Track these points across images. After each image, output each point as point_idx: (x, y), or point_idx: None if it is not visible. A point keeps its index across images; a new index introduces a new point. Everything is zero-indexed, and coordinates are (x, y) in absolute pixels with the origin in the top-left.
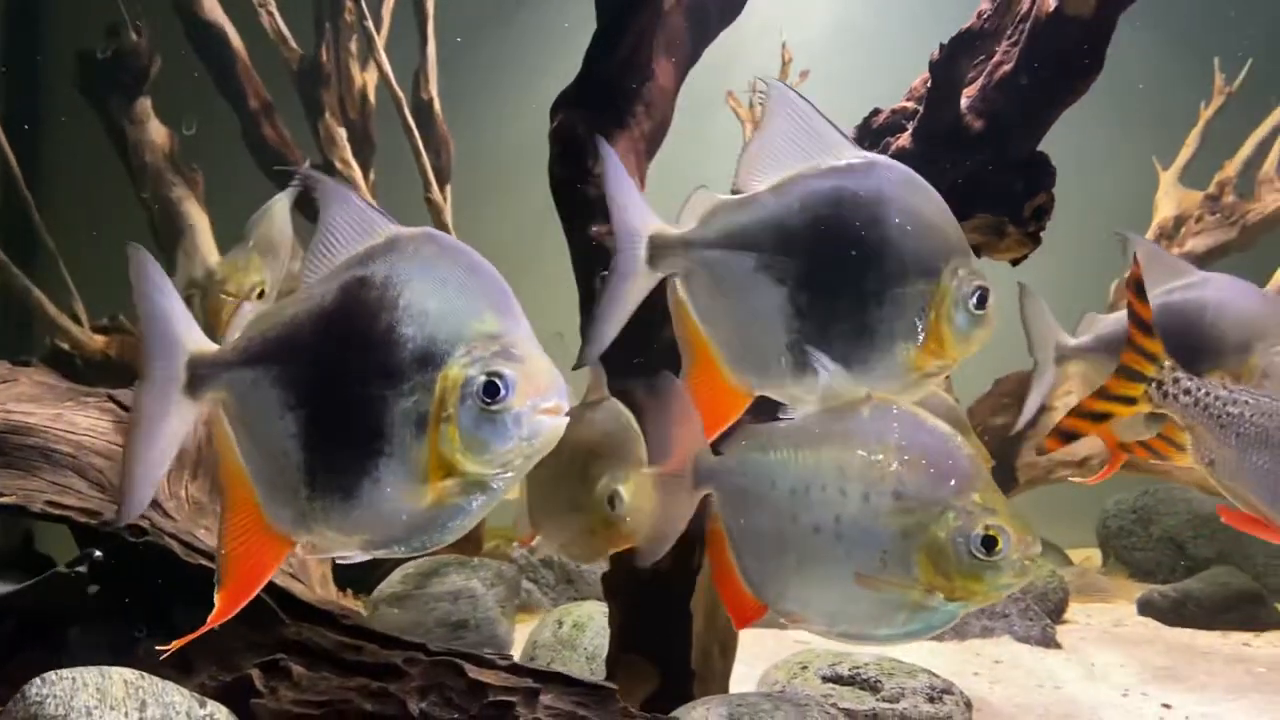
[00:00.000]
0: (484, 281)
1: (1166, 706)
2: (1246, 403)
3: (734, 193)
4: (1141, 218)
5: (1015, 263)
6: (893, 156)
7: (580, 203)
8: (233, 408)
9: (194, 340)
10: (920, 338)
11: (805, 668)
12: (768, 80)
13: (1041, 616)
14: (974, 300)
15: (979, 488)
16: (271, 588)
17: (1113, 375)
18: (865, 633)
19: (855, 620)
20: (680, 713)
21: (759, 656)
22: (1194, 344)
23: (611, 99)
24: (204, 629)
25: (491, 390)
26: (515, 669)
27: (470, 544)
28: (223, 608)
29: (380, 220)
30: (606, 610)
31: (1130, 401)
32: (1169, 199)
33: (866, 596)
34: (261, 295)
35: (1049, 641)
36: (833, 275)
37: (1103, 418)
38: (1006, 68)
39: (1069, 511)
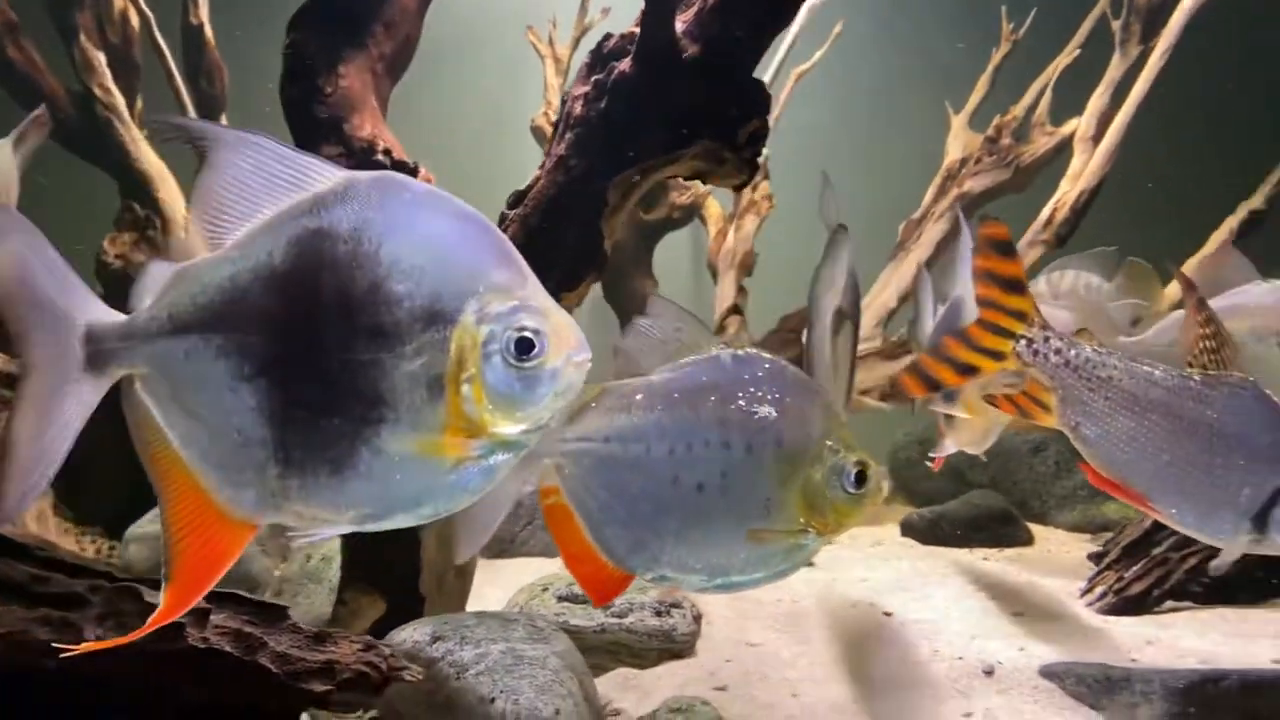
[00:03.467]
0: (478, 230)
1: (887, 614)
2: (1116, 366)
3: None
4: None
5: (737, 189)
6: (615, 81)
7: (311, 123)
8: (158, 385)
9: (91, 309)
10: None
11: (545, 589)
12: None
13: None
14: None
15: (836, 426)
16: None
17: (975, 326)
18: (743, 580)
19: (734, 570)
20: (392, 635)
21: (516, 585)
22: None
23: (348, 17)
24: (147, 629)
25: (526, 346)
26: None
27: None
28: (171, 604)
29: (318, 165)
30: None
31: (998, 356)
32: (957, 142)
33: (748, 546)
34: None
35: None
36: None
37: (968, 370)
38: None
39: (864, 444)
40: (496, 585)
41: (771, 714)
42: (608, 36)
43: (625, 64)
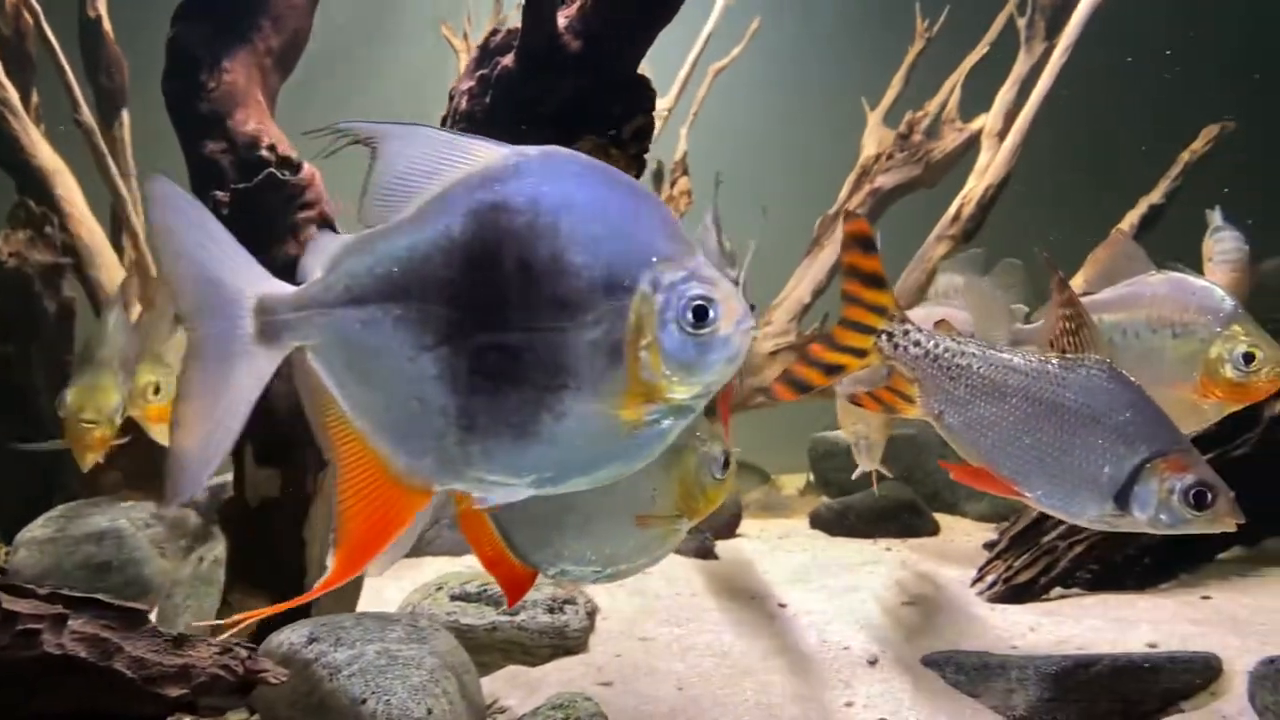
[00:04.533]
0: (646, 202)
1: (782, 606)
2: (975, 354)
3: None
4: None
5: None
6: (498, 77)
7: (192, 117)
8: (333, 355)
9: (261, 282)
10: None
11: (440, 589)
12: None
13: (702, 531)
14: None
15: (700, 417)
16: None
17: (838, 326)
18: (630, 567)
19: (624, 559)
20: (270, 638)
21: (417, 584)
22: None
23: (233, 11)
24: (317, 592)
25: (701, 314)
26: (52, 597)
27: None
28: (342, 568)
29: (483, 144)
30: None
31: (861, 354)
32: (872, 138)
33: (635, 534)
34: (157, 392)
35: (706, 554)
36: None
37: (835, 370)
38: None
39: (788, 438)
40: (397, 586)
41: (655, 708)
42: (494, 31)
43: (509, 59)
